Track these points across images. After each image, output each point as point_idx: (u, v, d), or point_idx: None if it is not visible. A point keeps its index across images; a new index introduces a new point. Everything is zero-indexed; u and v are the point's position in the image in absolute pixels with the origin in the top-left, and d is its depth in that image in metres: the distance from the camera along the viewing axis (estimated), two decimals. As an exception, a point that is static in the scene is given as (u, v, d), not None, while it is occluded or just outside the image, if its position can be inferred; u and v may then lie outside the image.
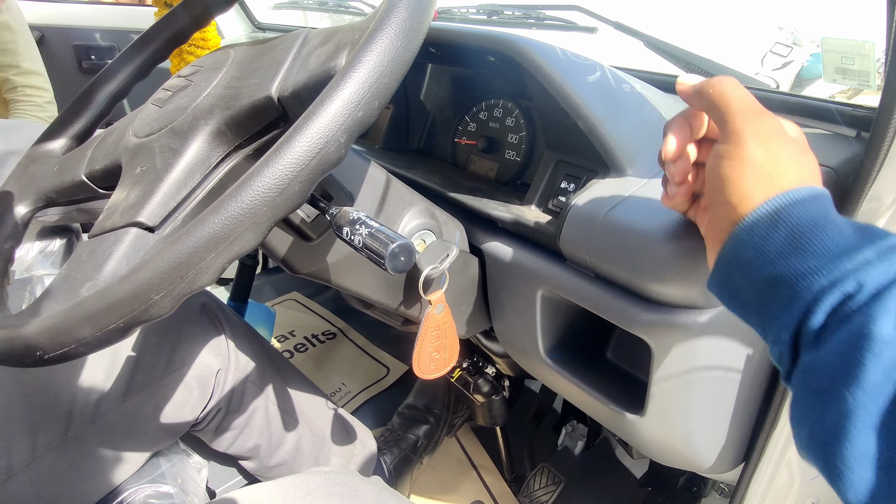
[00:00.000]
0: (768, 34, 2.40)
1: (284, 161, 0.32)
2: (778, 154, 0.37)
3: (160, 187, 0.43)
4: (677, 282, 0.49)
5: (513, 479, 1.19)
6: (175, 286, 0.33)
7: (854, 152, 0.56)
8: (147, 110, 0.52)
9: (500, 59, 0.65)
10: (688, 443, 0.60)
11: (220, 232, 0.32)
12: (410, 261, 0.42)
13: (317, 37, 0.46)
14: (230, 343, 0.78)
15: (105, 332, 0.33)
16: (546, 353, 0.66)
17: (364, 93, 0.34)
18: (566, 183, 0.62)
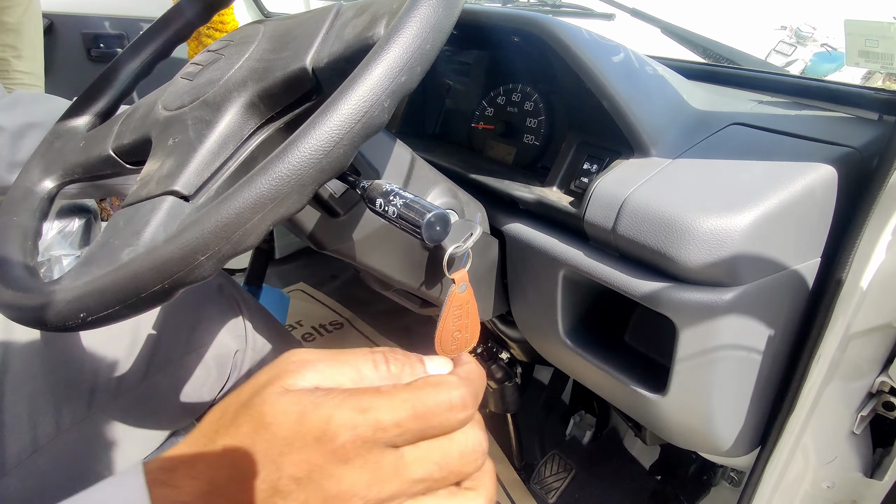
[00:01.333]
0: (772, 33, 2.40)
1: (331, 123, 0.32)
2: None
3: (195, 157, 0.43)
4: (704, 258, 0.49)
5: (522, 468, 1.19)
6: (221, 247, 0.33)
7: (877, 134, 0.56)
8: (177, 84, 0.52)
9: (524, 39, 0.65)
10: (708, 424, 0.60)
11: (266, 193, 0.32)
12: (446, 231, 0.42)
13: (350, 9, 0.46)
14: (247, 324, 0.78)
15: (149, 294, 0.34)
16: (566, 334, 0.67)
17: (408, 58, 0.34)
18: (589, 164, 0.63)
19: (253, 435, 0.26)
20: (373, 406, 0.27)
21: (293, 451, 0.26)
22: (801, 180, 0.50)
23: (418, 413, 0.27)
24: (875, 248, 0.53)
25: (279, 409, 0.27)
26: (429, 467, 0.28)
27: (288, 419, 0.26)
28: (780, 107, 0.65)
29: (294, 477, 0.26)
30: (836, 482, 0.70)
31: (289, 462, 0.26)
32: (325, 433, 0.26)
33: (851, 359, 0.61)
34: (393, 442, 0.27)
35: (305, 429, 0.26)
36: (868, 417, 0.68)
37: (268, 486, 0.26)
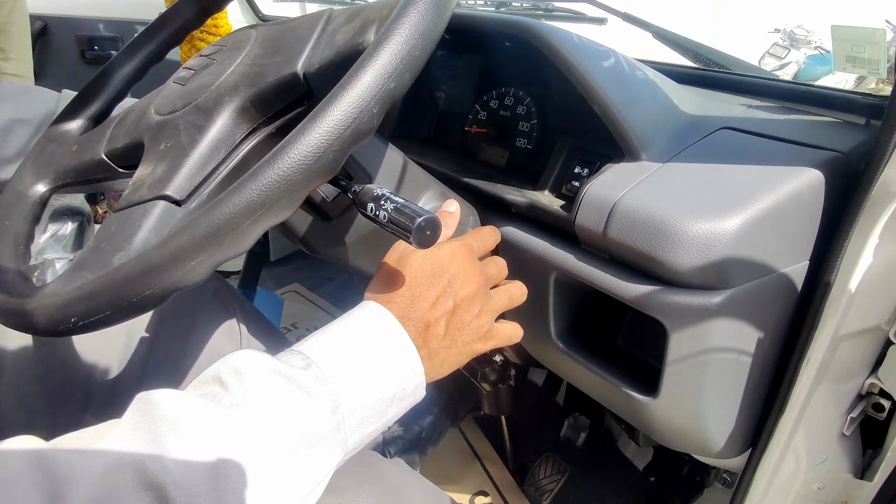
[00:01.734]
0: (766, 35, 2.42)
1: (321, 129, 0.33)
2: None
3: (186, 162, 0.44)
4: (694, 262, 0.50)
5: (516, 470, 1.20)
6: (212, 252, 0.33)
7: (864, 139, 0.57)
8: (169, 88, 0.52)
9: (516, 44, 0.66)
10: (699, 426, 0.61)
11: (257, 198, 0.32)
12: (436, 235, 0.42)
13: (341, 15, 0.47)
14: (242, 328, 0.78)
15: (141, 299, 0.34)
16: (558, 336, 0.67)
17: (397, 64, 0.34)
18: (580, 168, 0.63)
19: (423, 265, 0.51)
20: (465, 237, 0.56)
21: (445, 264, 0.51)
22: (789, 184, 0.51)
23: (481, 237, 0.58)
24: (863, 251, 0.54)
25: (427, 252, 0.52)
26: (497, 267, 0.58)
27: (435, 252, 0.52)
28: (769, 111, 0.66)
29: (452, 275, 0.51)
30: (826, 483, 0.70)
31: (446, 271, 0.51)
32: (454, 252, 0.52)
33: (841, 361, 0.61)
34: (477, 253, 0.55)
35: (444, 254, 0.52)
36: (858, 419, 0.68)
37: (442, 285, 0.50)
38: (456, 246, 0.52)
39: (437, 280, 0.50)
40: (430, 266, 0.51)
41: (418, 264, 0.51)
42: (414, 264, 0.51)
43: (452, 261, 0.51)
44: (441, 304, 0.49)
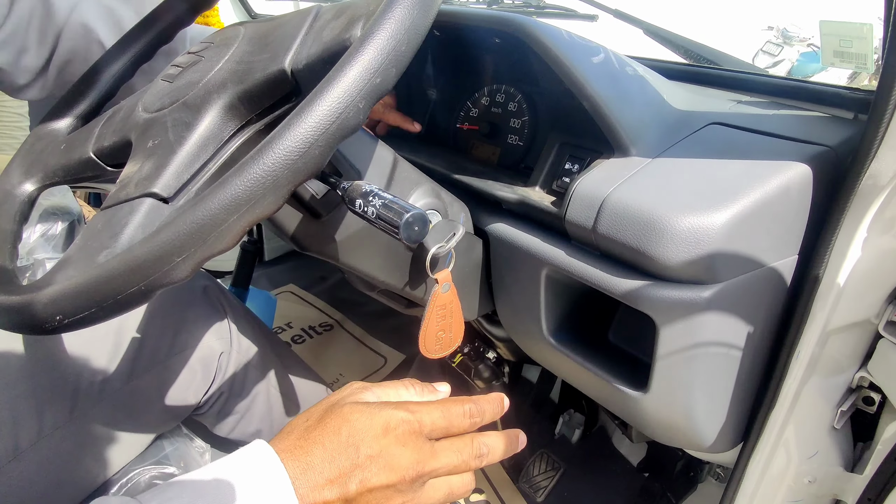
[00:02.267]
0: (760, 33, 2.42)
1: (306, 125, 0.33)
2: None
3: (174, 159, 0.44)
4: (682, 256, 0.50)
5: (511, 467, 1.20)
6: (197, 249, 0.33)
7: (851, 133, 0.57)
8: (157, 86, 0.52)
9: (505, 40, 0.66)
10: (690, 420, 0.61)
11: (241, 194, 0.32)
12: (424, 231, 0.42)
13: (329, 11, 0.46)
14: (232, 327, 0.78)
15: (126, 296, 0.34)
16: (550, 333, 0.67)
17: (382, 59, 0.34)
18: (570, 164, 0.63)
19: (339, 427, 0.40)
20: (418, 410, 0.43)
21: (368, 438, 0.39)
22: (777, 179, 0.51)
23: (444, 415, 0.43)
24: (851, 245, 0.54)
25: (356, 411, 0.41)
26: (452, 455, 0.42)
27: (363, 416, 0.40)
28: (759, 106, 0.66)
29: (369, 455, 0.39)
30: (817, 477, 0.71)
31: (365, 446, 0.39)
32: (388, 425, 0.40)
33: (831, 354, 0.62)
34: (430, 435, 0.42)
35: (375, 423, 0.40)
36: (848, 412, 0.69)
37: (350, 462, 0.39)
38: (398, 418, 0.41)
39: (346, 452, 0.39)
40: (348, 431, 0.40)
41: (338, 422, 0.40)
42: (335, 419, 0.41)
43: (381, 437, 0.40)
44: (339, 484, 0.38)
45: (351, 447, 0.39)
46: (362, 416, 0.40)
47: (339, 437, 0.39)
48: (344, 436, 0.39)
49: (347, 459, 0.39)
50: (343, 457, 0.39)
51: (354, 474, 0.38)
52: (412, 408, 0.42)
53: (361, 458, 0.39)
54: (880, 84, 0.46)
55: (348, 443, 0.39)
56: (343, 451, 0.39)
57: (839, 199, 0.52)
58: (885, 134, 0.48)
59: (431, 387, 0.49)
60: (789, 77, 0.71)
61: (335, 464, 0.38)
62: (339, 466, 0.38)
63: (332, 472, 0.38)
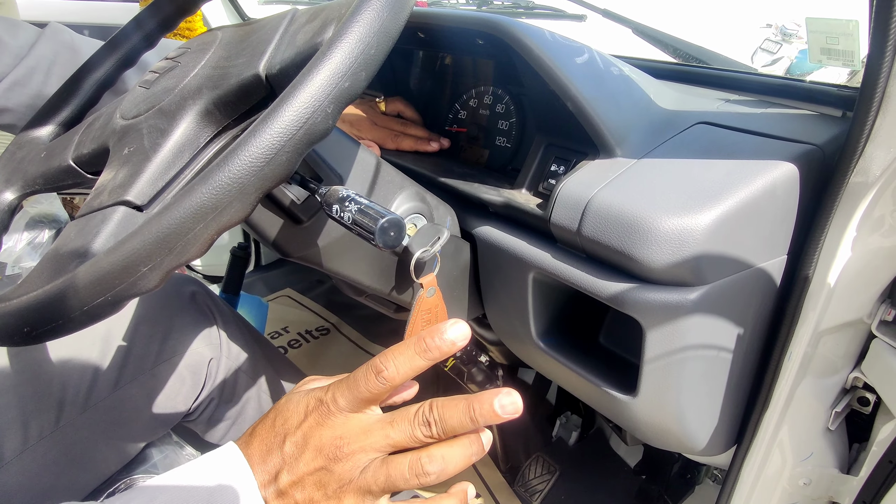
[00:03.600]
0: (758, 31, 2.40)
1: (272, 130, 0.32)
2: None
3: (148, 167, 0.43)
4: (667, 259, 0.49)
5: (507, 470, 1.19)
6: (163, 258, 0.32)
7: (840, 131, 0.57)
8: (134, 92, 0.52)
9: (488, 41, 0.65)
10: (680, 424, 0.60)
11: (207, 202, 0.32)
12: (400, 236, 0.42)
13: (304, 15, 0.46)
14: (222, 333, 0.78)
15: (94, 307, 0.33)
16: (539, 336, 0.67)
17: (351, 63, 0.34)
18: (556, 166, 0.62)
19: (274, 418, 0.41)
20: (332, 386, 0.40)
21: (293, 425, 0.39)
22: (762, 178, 0.50)
23: (349, 383, 0.39)
24: (840, 244, 0.54)
25: (288, 400, 0.41)
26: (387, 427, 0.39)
27: (290, 403, 0.41)
28: (747, 105, 0.65)
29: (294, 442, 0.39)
30: (812, 479, 0.70)
31: (290, 434, 0.39)
32: (307, 408, 0.40)
33: (824, 355, 0.61)
34: (348, 408, 0.39)
35: (299, 408, 0.40)
36: (843, 413, 0.68)
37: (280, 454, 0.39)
38: (315, 398, 0.40)
39: (276, 443, 0.39)
40: (281, 421, 0.40)
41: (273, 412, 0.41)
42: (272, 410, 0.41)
43: (303, 421, 0.39)
44: (273, 479, 0.38)
45: (280, 437, 0.39)
46: (291, 403, 0.41)
47: (274, 430, 0.40)
48: (277, 427, 0.40)
49: (278, 451, 0.39)
50: (274, 449, 0.39)
51: (283, 467, 0.38)
52: (329, 386, 0.41)
53: (287, 447, 0.38)
54: (864, 80, 0.45)
55: (279, 433, 0.39)
56: (274, 443, 0.39)
57: (827, 198, 0.51)
58: (871, 131, 0.48)
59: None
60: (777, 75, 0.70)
61: (269, 459, 0.39)
62: (272, 461, 0.39)
63: (267, 466, 0.38)
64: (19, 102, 0.74)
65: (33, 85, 0.75)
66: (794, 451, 0.67)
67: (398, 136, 0.81)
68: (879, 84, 0.44)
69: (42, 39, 0.77)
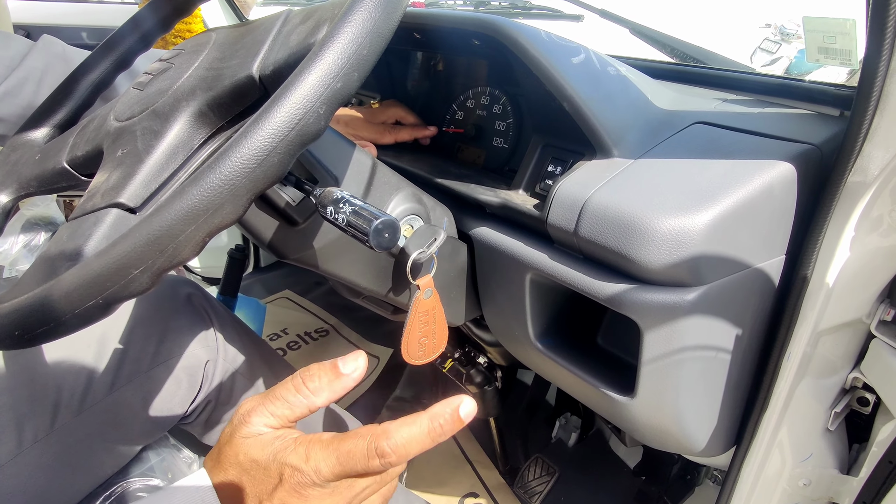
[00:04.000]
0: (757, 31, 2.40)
1: (263, 132, 0.32)
2: None
3: (141, 169, 0.43)
4: (664, 259, 0.49)
5: (507, 472, 1.19)
6: (155, 260, 0.32)
7: (837, 130, 0.56)
8: (128, 94, 0.51)
9: (484, 42, 0.65)
10: (679, 425, 0.60)
11: (199, 204, 0.31)
12: (395, 238, 0.41)
13: (297, 16, 0.46)
14: (218, 335, 0.77)
15: (85, 310, 0.33)
16: (536, 338, 0.66)
17: (343, 63, 0.34)
18: (553, 166, 0.62)
19: (240, 477, 0.38)
20: (312, 455, 0.37)
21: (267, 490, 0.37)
22: (760, 178, 0.50)
23: (340, 460, 0.37)
24: (838, 244, 0.53)
25: (251, 453, 0.38)
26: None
27: (257, 465, 0.38)
28: (744, 105, 0.65)
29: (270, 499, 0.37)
30: (812, 479, 0.70)
31: (265, 494, 0.37)
32: (282, 476, 0.37)
33: (823, 355, 0.60)
34: (332, 480, 0.37)
35: (271, 472, 0.37)
36: (842, 414, 0.67)
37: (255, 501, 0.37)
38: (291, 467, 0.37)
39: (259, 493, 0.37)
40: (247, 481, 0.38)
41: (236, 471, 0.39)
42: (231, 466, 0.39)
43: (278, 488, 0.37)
44: None
45: (254, 497, 0.37)
46: (257, 465, 0.38)
47: (241, 489, 0.37)
48: (246, 486, 0.37)
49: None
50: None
51: None
52: (308, 452, 0.37)
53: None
54: (861, 79, 0.45)
55: (249, 495, 0.37)
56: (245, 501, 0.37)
57: (825, 198, 0.51)
58: (868, 130, 0.47)
59: (330, 367, 0.41)
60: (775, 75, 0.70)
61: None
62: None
63: None
64: (10, 113, 0.75)
65: (24, 95, 0.75)
66: (793, 452, 0.67)
67: (394, 129, 0.81)
68: (877, 83, 0.44)
69: (34, 51, 0.78)
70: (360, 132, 0.81)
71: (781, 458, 0.67)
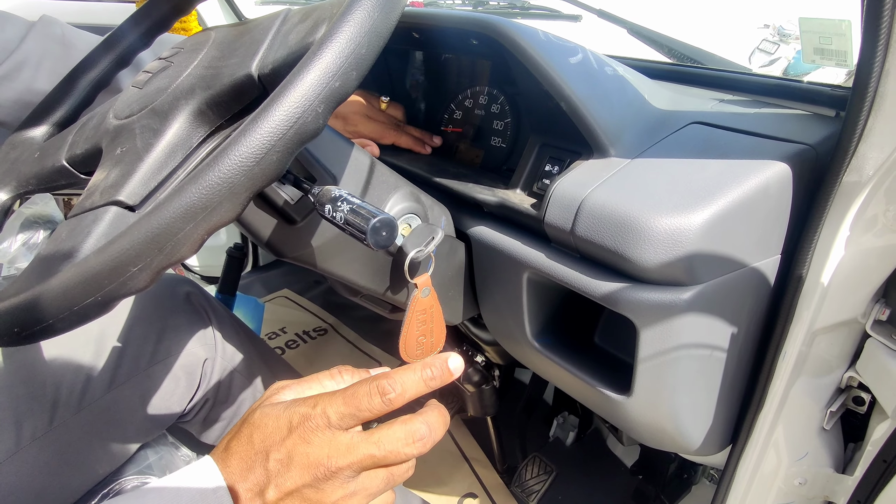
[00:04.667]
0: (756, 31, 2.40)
1: (262, 130, 0.32)
2: None
3: (140, 167, 0.43)
4: (660, 258, 0.49)
5: (505, 471, 1.19)
6: (153, 258, 0.32)
7: (833, 130, 0.57)
8: (128, 92, 0.52)
9: (482, 41, 0.65)
10: (675, 423, 0.60)
11: (197, 202, 0.32)
12: (392, 236, 0.42)
13: (296, 15, 0.46)
14: (217, 333, 0.78)
15: (83, 307, 0.33)
16: (534, 336, 0.67)
17: (341, 63, 0.34)
18: (550, 165, 0.62)
19: (252, 434, 0.39)
20: (321, 401, 0.39)
21: (276, 441, 0.38)
22: (756, 178, 0.50)
23: (347, 400, 0.39)
24: (834, 243, 0.54)
25: (265, 414, 0.40)
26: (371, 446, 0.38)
27: (270, 419, 0.39)
28: (741, 105, 0.65)
29: (278, 459, 0.38)
30: (808, 478, 0.70)
31: (274, 450, 0.38)
32: (291, 424, 0.39)
33: (818, 354, 0.61)
34: (340, 425, 0.39)
35: (281, 424, 0.39)
36: (838, 413, 0.68)
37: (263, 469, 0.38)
38: (300, 414, 0.39)
39: (258, 460, 0.38)
40: (259, 437, 0.39)
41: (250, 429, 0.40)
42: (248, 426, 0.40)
43: (287, 437, 0.38)
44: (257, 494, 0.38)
45: (261, 454, 0.38)
46: (269, 418, 0.40)
47: (253, 446, 0.39)
48: (256, 443, 0.39)
49: (261, 467, 0.38)
50: (257, 465, 0.38)
51: (269, 483, 0.38)
52: (317, 400, 0.40)
53: (272, 463, 0.38)
54: (856, 80, 0.45)
55: (259, 449, 0.39)
56: (256, 460, 0.38)
57: (820, 198, 0.51)
58: (863, 130, 0.48)
59: (364, 371, 0.46)
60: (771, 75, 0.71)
61: (251, 475, 0.38)
62: (254, 477, 0.38)
63: (249, 483, 0.38)
64: (6, 98, 0.74)
65: (22, 80, 0.74)
66: (789, 451, 0.67)
67: (397, 131, 0.81)
68: (871, 84, 0.44)
69: (32, 33, 0.77)
70: (361, 129, 0.80)
71: (777, 456, 0.67)
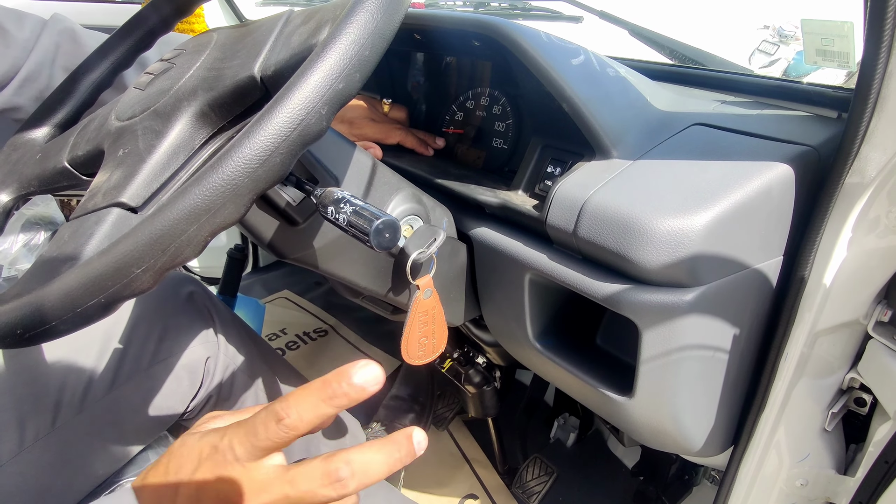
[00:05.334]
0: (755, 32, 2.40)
1: (266, 132, 0.32)
2: None
3: (143, 168, 0.43)
4: (663, 259, 0.49)
5: (505, 472, 1.19)
6: (157, 260, 0.32)
7: (835, 132, 0.57)
8: (129, 94, 0.52)
9: (484, 43, 0.65)
10: (677, 425, 0.60)
11: (201, 203, 0.32)
12: (395, 238, 0.42)
13: (299, 16, 0.46)
14: (219, 333, 0.78)
15: (86, 309, 0.33)
16: (535, 338, 0.67)
17: (345, 64, 0.34)
18: (552, 167, 0.62)
19: (167, 463, 0.38)
20: (229, 431, 0.36)
21: (185, 474, 0.36)
22: (758, 180, 0.50)
23: (246, 429, 0.35)
24: (836, 245, 0.54)
25: (182, 443, 0.38)
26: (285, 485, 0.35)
27: (185, 449, 0.37)
28: (743, 106, 0.65)
29: (186, 495, 0.36)
30: (809, 480, 0.70)
31: (183, 485, 0.36)
32: (201, 455, 0.36)
33: (820, 356, 0.61)
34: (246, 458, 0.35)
35: (192, 454, 0.37)
36: (839, 414, 0.68)
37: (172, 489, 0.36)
38: (209, 445, 0.36)
39: (167, 495, 0.36)
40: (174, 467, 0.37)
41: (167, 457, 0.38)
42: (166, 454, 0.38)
43: (197, 470, 0.36)
44: None
45: (171, 488, 0.36)
46: (185, 448, 0.37)
47: (167, 477, 0.36)
48: (171, 474, 0.36)
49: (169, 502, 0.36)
50: (165, 501, 0.36)
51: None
52: (226, 431, 0.36)
53: (180, 500, 0.35)
54: (859, 81, 0.45)
55: (172, 482, 0.36)
56: (165, 494, 0.36)
57: (822, 199, 0.51)
58: (866, 132, 0.48)
59: None
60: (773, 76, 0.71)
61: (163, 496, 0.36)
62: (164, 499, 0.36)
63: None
64: (30, 97, 0.74)
65: (42, 79, 0.75)
66: (790, 452, 0.67)
67: (401, 130, 0.81)
68: (874, 85, 0.44)
69: (45, 30, 0.77)
70: (365, 131, 0.81)
71: (778, 458, 0.67)
